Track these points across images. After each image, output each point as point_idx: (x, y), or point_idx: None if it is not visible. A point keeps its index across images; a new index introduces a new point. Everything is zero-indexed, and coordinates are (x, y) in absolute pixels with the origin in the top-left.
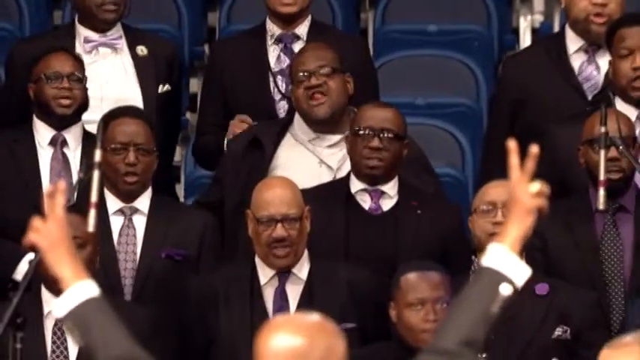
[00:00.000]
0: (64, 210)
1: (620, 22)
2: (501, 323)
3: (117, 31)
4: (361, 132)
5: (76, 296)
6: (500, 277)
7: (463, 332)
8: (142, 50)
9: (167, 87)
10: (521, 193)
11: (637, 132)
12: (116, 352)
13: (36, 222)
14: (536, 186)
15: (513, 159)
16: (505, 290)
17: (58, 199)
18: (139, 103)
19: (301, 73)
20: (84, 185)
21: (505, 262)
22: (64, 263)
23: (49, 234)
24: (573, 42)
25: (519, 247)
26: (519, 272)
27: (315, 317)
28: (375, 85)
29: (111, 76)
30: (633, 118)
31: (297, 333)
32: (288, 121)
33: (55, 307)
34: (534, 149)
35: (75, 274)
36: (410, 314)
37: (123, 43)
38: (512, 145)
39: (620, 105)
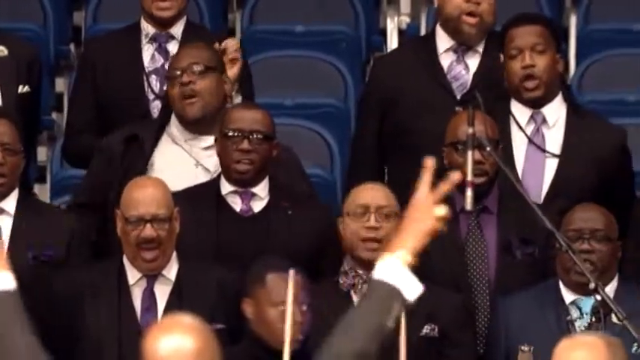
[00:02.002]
0: None
1: (509, 23)
2: None
3: None
4: (230, 134)
5: None
6: (395, 293)
7: (357, 344)
8: (2, 51)
9: (27, 88)
10: (425, 211)
11: (529, 131)
12: None
13: None
14: (442, 210)
15: (427, 176)
16: (398, 306)
17: None
18: None
19: (175, 71)
20: None
21: (399, 276)
22: None
23: None
24: (443, 41)
25: (411, 261)
26: (412, 288)
27: (197, 320)
28: (249, 85)
29: None
30: (527, 117)
31: (189, 334)
32: (165, 120)
33: None
34: (451, 177)
35: None
36: (273, 314)
37: None
38: (429, 162)
39: (515, 106)
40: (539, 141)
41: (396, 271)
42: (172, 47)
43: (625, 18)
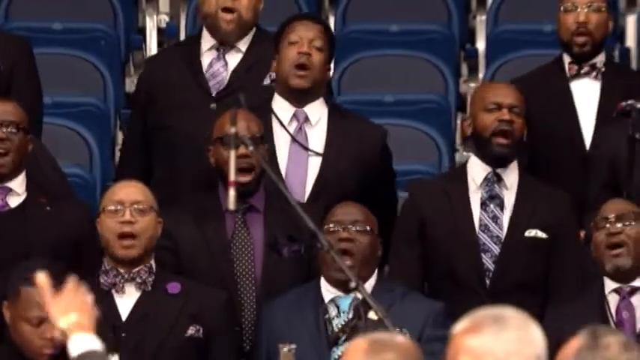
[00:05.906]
0: None
1: (293, 18)
2: (134, 322)
3: None
4: None
5: None
6: (103, 355)
7: None
8: None
9: None
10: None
11: (292, 130)
12: None
13: None
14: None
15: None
16: None
17: None
18: None
19: None
20: None
21: (93, 342)
22: None
23: None
24: (207, 40)
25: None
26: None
27: None
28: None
29: None
30: (289, 116)
31: None
32: None
33: None
34: None
35: None
36: (27, 329)
37: None
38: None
39: (277, 104)
40: (302, 139)
41: (86, 341)
42: None
43: (382, 19)
